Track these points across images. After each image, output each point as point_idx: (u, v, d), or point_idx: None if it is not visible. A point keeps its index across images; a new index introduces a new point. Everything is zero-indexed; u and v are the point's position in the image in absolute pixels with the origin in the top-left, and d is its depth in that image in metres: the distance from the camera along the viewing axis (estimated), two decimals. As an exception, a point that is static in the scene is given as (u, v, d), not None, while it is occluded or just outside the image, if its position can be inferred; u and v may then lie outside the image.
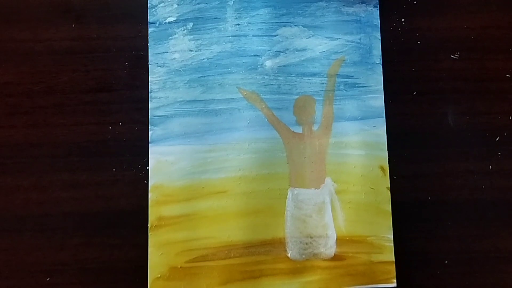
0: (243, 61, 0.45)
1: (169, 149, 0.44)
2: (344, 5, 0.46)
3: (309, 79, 0.45)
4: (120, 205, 0.44)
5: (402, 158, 0.44)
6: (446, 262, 0.43)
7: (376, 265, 0.43)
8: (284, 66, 0.45)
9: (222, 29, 0.45)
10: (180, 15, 0.45)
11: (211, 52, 0.45)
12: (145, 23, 0.45)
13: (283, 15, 0.46)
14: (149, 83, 0.44)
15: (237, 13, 0.46)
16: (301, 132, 0.44)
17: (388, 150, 0.44)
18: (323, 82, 0.45)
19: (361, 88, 0.45)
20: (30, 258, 0.43)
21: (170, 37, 0.45)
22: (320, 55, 0.45)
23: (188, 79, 0.45)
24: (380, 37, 0.45)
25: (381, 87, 0.45)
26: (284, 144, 0.44)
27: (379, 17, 0.46)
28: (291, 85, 0.45)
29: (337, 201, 0.43)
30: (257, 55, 0.45)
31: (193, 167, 0.44)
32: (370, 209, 0.43)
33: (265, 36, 0.45)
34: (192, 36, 0.45)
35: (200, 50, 0.45)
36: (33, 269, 0.43)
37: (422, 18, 0.46)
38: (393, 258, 0.43)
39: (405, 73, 0.45)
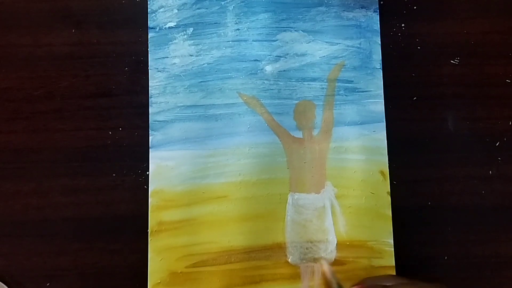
0: (243, 66, 0.45)
1: (169, 154, 0.44)
2: (344, 10, 0.46)
3: (309, 84, 0.45)
4: (120, 210, 0.44)
5: (402, 163, 0.44)
6: (446, 267, 0.43)
7: (377, 269, 0.43)
8: (284, 71, 0.45)
9: (222, 34, 0.45)
10: (180, 20, 0.45)
11: (211, 57, 0.45)
12: (145, 28, 0.45)
13: (283, 20, 0.46)
14: (149, 88, 0.44)
15: (237, 18, 0.46)
16: (301, 137, 0.44)
17: (388, 155, 0.44)
18: (323, 87, 0.45)
19: (361, 93, 0.45)
20: (30, 263, 0.43)
21: (170, 42, 0.45)
22: (320, 60, 0.45)
23: (188, 84, 0.45)
24: (380, 42, 0.45)
25: (381, 92, 0.45)
26: (284, 149, 0.44)
27: (379, 22, 0.46)
28: (291, 90, 0.45)
29: (337, 206, 0.43)
30: (257, 60, 0.45)
31: (193, 172, 0.44)
32: (370, 213, 0.43)
33: (265, 41, 0.45)
34: (192, 41, 0.45)
35: (200, 55, 0.45)
36: (33, 274, 0.43)
37: (422, 23, 0.46)
38: (393, 263, 0.43)
39: (405, 78, 0.45)
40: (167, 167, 0.43)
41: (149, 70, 0.45)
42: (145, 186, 0.44)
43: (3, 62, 0.45)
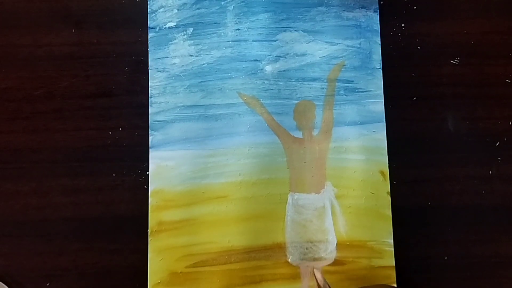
0: (243, 66, 0.45)
1: (169, 154, 0.44)
2: (344, 10, 0.46)
3: (309, 84, 0.45)
4: (120, 210, 0.44)
5: (402, 163, 0.44)
6: (446, 267, 0.43)
7: (377, 270, 0.43)
8: (284, 71, 0.45)
9: (222, 34, 0.45)
10: (180, 20, 0.45)
11: (211, 57, 0.45)
12: (145, 28, 0.45)
13: (283, 20, 0.46)
14: (149, 88, 0.44)
15: (237, 18, 0.46)
16: (301, 137, 0.44)
17: (388, 155, 0.44)
18: (323, 87, 0.45)
19: (361, 93, 0.45)
20: (30, 263, 0.43)
21: (170, 42, 0.45)
22: (320, 60, 0.45)
23: (188, 84, 0.45)
24: (380, 42, 0.45)
25: (381, 92, 0.45)
26: (284, 149, 0.44)
27: (379, 22, 0.46)
28: (291, 90, 0.45)
29: (337, 206, 0.43)
30: (257, 60, 0.45)
31: (193, 172, 0.44)
32: (370, 214, 0.43)
33: (265, 41, 0.45)
34: (192, 41, 0.45)
35: (200, 55, 0.45)
36: (33, 274, 0.43)
37: (422, 23, 0.46)
38: (393, 263, 0.43)
39: (405, 78, 0.45)
40: (167, 167, 0.43)
41: (149, 70, 0.45)
42: (145, 186, 0.44)
43: (3, 62, 0.45)
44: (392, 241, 0.43)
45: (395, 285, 0.42)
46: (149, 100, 0.44)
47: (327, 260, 0.43)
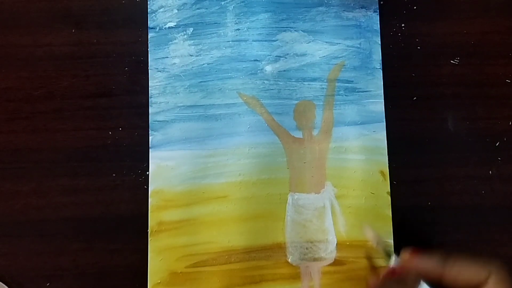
0: (243, 66, 0.45)
1: (169, 154, 0.44)
2: (344, 10, 0.46)
3: (309, 84, 0.45)
4: (120, 210, 0.44)
5: (402, 163, 0.44)
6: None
7: (377, 270, 0.42)
8: (284, 71, 0.45)
9: (222, 34, 0.45)
10: (180, 20, 0.45)
11: (211, 57, 0.45)
12: (145, 28, 0.45)
13: (283, 20, 0.46)
14: (149, 88, 0.44)
15: (237, 18, 0.46)
16: (301, 137, 0.44)
17: (388, 155, 0.44)
18: (323, 87, 0.45)
19: (361, 93, 0.45)
20: (29, 263, 0.43)
21: (170, 42, 0.45)
22: (320, 60, 0.45)
23: (188, 84, 0.45)
24: (380, 42, 0.45)
25: (381, 92, 0.45)
26: (284, 149, 0.44)
27: (379, 22, 0.46)
28: (291, 90, 0.45)
29: (337, 206, 0.43)
30: (257, 60, 0.45)
31: (193, 172, 0.44)
32: (370, 213, 0.43)
33: (265, 41, 0.45)
34: (192, 41, 0.45)
35: (200, 55, 0.45)
36: (32, 274, 0.43)
37: (422, 23, 0.46)
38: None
39: (405, 78, 0.45)
40: (167, 167, 0.43)
41: (149, 70, 0.45)
42: (145, 186, 0.44)
43: (3, 62, 0.45)
44: (392, 241, 0.43)
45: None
46: (149, 100, 0.44)
47: (327, 260, 0.43)
